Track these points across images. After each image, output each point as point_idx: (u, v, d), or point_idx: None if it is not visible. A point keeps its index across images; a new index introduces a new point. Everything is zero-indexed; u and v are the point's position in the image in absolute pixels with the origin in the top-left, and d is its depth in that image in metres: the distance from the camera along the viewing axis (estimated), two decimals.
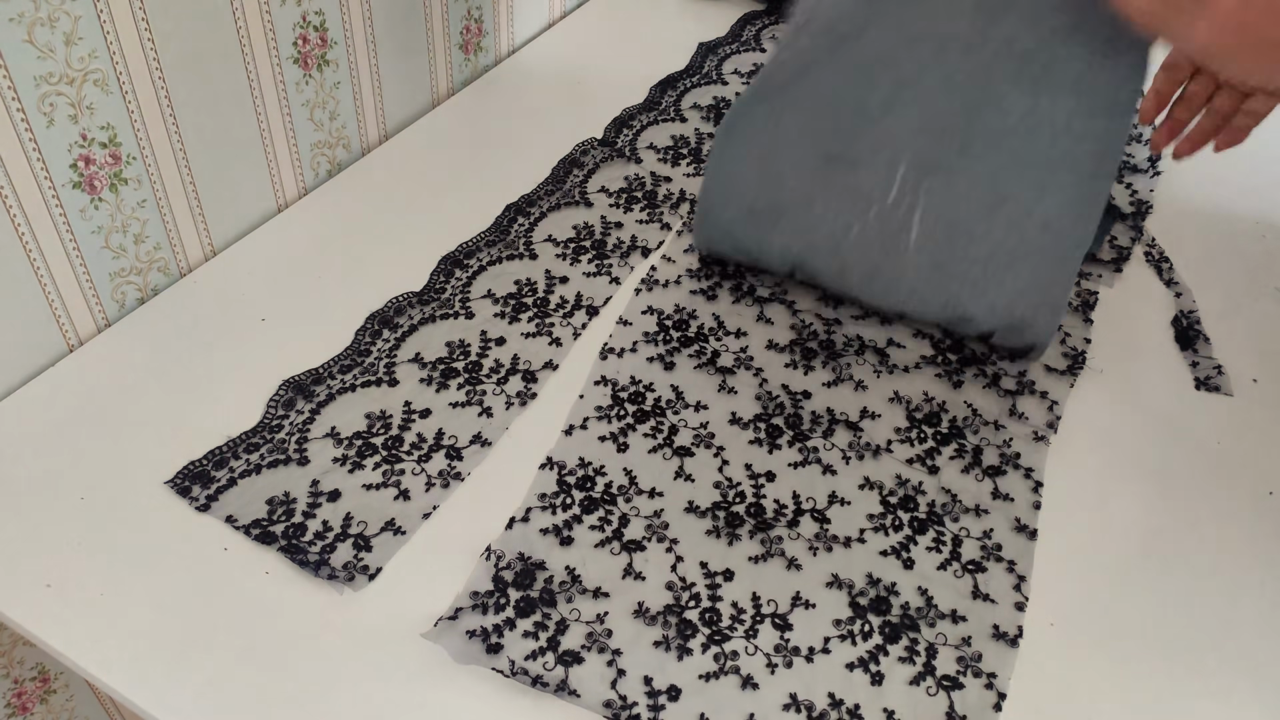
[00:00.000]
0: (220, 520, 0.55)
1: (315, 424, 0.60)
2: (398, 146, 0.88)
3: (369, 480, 0.58)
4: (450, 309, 0.69)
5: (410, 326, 0.68)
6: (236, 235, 0.76)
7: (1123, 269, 0.77)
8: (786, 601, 0.52)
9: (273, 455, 0.58)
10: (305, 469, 0.58)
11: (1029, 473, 0.60)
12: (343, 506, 0.56)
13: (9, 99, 0.57)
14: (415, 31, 0.88)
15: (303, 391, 0.62)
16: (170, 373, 0.64)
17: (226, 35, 0.69)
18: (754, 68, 1.02)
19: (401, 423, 0.61)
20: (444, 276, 0.72)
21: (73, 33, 0.59)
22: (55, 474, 0.57)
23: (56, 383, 0.63)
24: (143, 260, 0.69)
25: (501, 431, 0.61)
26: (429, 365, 0.65)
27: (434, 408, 0.62)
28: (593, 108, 0.94)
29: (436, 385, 0.63)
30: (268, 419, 0.61)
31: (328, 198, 0.81)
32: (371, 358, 0.65)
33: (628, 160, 0.86)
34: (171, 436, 0.60)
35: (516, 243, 0.76)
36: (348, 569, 0.53)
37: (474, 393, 0.63)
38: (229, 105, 0.72)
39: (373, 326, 0.67)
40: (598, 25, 1.10)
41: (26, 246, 0.61)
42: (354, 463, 0.58)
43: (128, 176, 0.66)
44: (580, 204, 0.81)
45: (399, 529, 0.55)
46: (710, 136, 0.89)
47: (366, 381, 0.63)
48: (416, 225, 0.78)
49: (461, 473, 0.58)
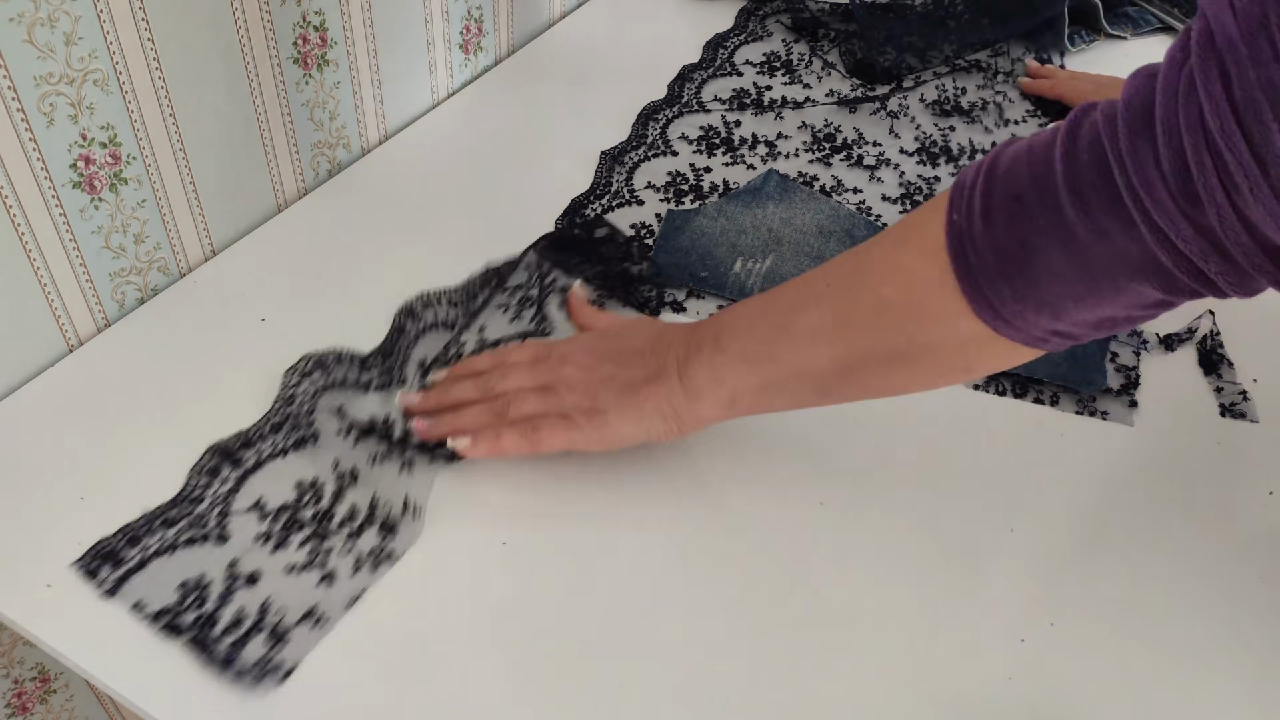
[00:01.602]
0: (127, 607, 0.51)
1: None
2: (398, 146, 0.88)
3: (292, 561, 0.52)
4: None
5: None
6: (236, 235, 0.76)
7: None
8: None
9: (190, 531, 0.53)
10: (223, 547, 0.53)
11: None
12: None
13: (9, 99, 0.57)
14: (415, 31, 0.88)
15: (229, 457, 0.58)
16: (170, 373, 0.64)
17: (226, 35, 0.69)
18: (764, 57, 1.04)
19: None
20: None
21: (73, 33, 0.59)
22: (55, 474, 0.57)
23: (56, 383, 0.63)
24: (143, 260, 0.69)
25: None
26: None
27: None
28: (593, 107, 0.94)
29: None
30: (187, 490, 0.56)
31: (328, 198, 0.81)
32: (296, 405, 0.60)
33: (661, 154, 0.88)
34: (171, 437, 0.60)
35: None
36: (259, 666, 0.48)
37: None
38: (229, 105, 0.72)
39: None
40: (598, 25, 1.10)
41: (26, 246, 0.61)
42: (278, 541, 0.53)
43: (128, 176, 0.66)
44: (631, 203, 0.82)
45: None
46: (736, 124, 0.92)
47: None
48: (416, 225, 0.78)
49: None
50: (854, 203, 0.83)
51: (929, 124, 0.93)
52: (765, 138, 0.91)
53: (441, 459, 0.58)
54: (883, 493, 0.59)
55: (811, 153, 0.89)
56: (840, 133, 0.91)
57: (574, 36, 1.08)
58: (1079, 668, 0.51)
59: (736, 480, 0.60)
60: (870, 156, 0.89)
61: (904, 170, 0.87)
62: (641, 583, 0.54)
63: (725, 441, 0.62)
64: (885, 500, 0.59)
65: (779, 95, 0.97)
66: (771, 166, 0.86)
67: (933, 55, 1.01)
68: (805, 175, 0.86)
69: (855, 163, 0.88)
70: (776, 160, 0.87)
